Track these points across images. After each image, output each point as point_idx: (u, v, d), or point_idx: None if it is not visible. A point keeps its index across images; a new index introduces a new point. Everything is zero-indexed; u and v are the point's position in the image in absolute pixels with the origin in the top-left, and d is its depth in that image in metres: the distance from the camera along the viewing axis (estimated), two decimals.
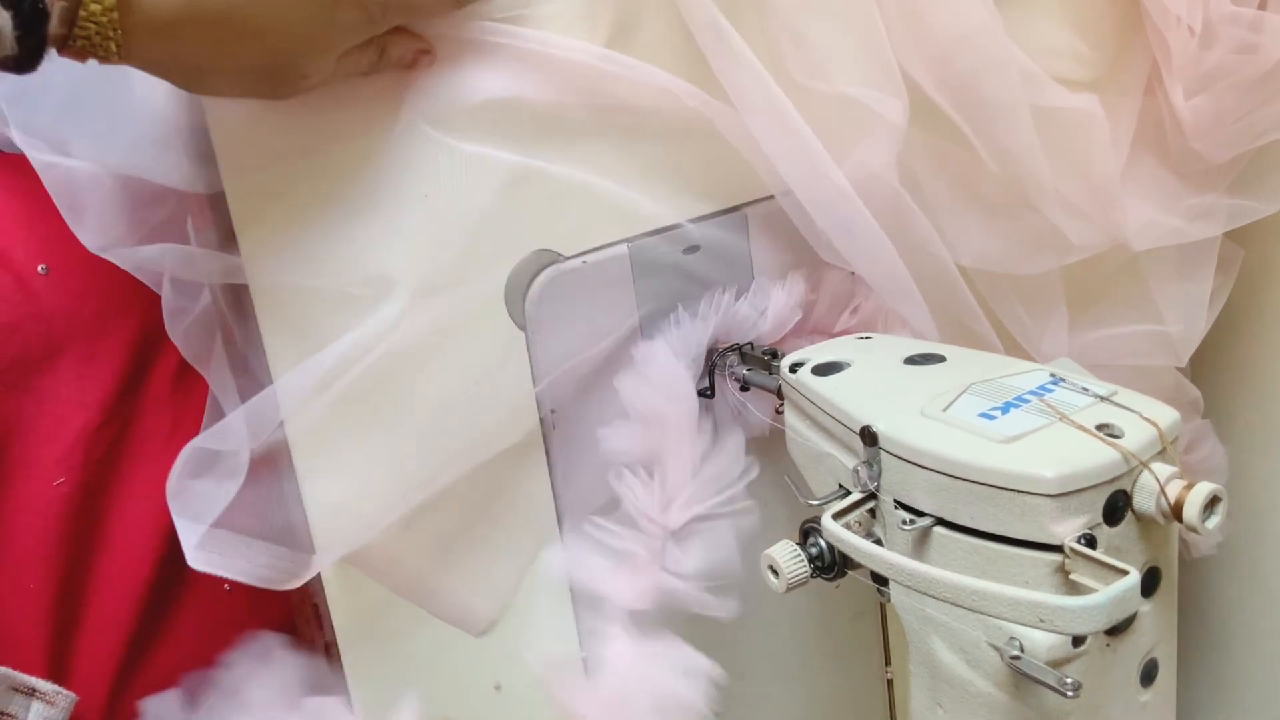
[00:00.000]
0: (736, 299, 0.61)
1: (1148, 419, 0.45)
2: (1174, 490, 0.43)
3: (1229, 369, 0.79)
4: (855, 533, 0.47)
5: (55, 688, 0.47)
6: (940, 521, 0.46)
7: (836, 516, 0.48)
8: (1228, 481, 0.79)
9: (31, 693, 0.46)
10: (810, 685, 0.73)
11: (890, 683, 0.75)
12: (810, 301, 0.63)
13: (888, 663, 0.75)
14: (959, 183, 0.64)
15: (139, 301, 0.60)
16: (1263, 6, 0.64)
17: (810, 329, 0.64)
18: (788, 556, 0.51)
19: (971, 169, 0.62)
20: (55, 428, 0.59)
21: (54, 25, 0.41)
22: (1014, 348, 0.69)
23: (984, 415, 0.46)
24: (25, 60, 0.42)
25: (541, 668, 0.57)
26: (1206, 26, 0.63)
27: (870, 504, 0.49)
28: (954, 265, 0.62)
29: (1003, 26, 0.58)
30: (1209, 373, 0.78)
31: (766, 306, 0.61)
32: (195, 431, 0.65)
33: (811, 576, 0.51)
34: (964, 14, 0.57)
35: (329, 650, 0.58)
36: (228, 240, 0.51)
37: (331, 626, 0.57)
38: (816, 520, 0.51)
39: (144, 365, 0.62)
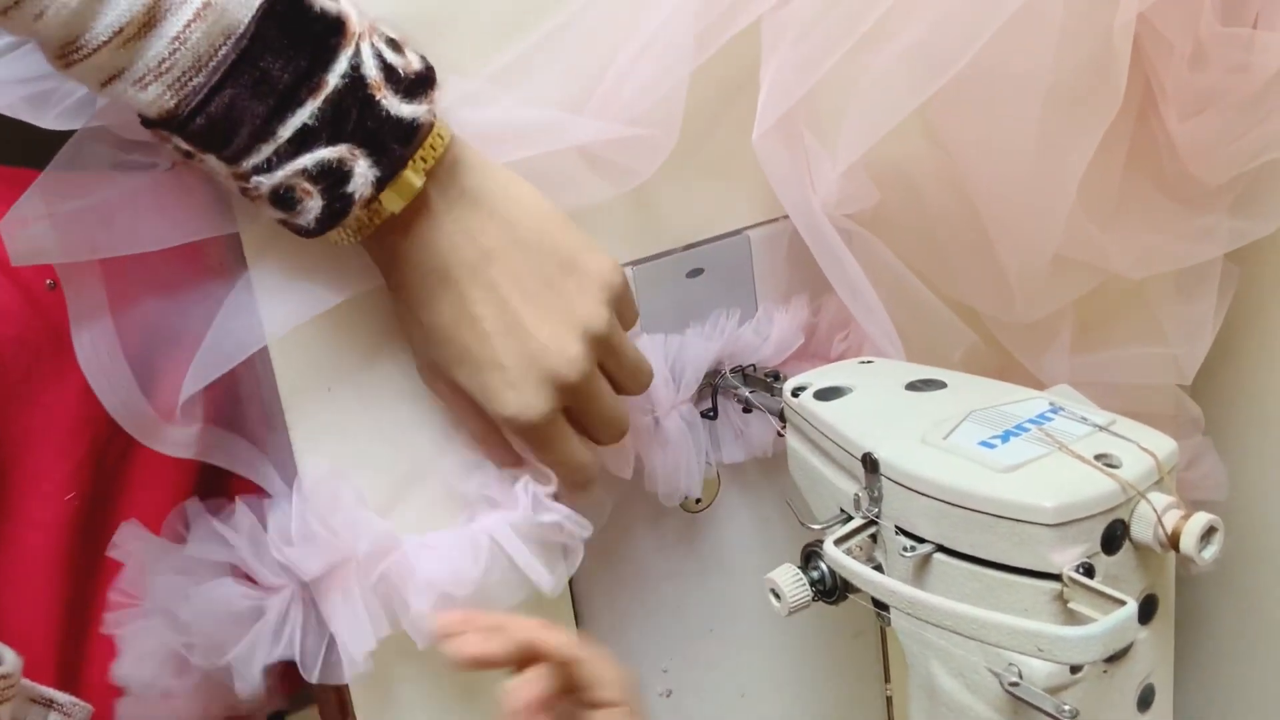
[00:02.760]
0: (740, 324, 0.62)
1: (1145, 449, 0.45)
2: (1171, 520, 0.44)
3: (1228, 386, 0.80)
4: (856, 558, 0.48)
5: (72, 699, 0.47)
6: (941, 548, 0.46)
7: (838, 542, 0.48)
8: (1226, 498, 0.80)
9: (49, 704, 0.46)
10: (810, 703, 0.73)
11: (890, 700, 0.76)
12: (811, 326, 0.64)
13: (887, 680, 0.75)
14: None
15: None
16: (1255, 24, 0.64)
17: (810, 354, 0.64)
18: (790, 580, 0.51)
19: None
20: (66, 443, 0.60)
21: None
22: (1012, 364, 0.69)
23: (984, 443, 0.47)
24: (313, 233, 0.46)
25: None
26: (1197, 48, 0.63)
27: (871, 529, 0.49)
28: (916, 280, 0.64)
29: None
30: (1208, 390, 0.78)
31: (770, 332, 0.62)
32: None
33: (813, 600, 0.52)
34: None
35: None
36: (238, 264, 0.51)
37: None
38: (818, 544, 0.51)
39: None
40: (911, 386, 0.54)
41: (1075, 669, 0.45)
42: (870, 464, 0.48)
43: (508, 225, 0.49)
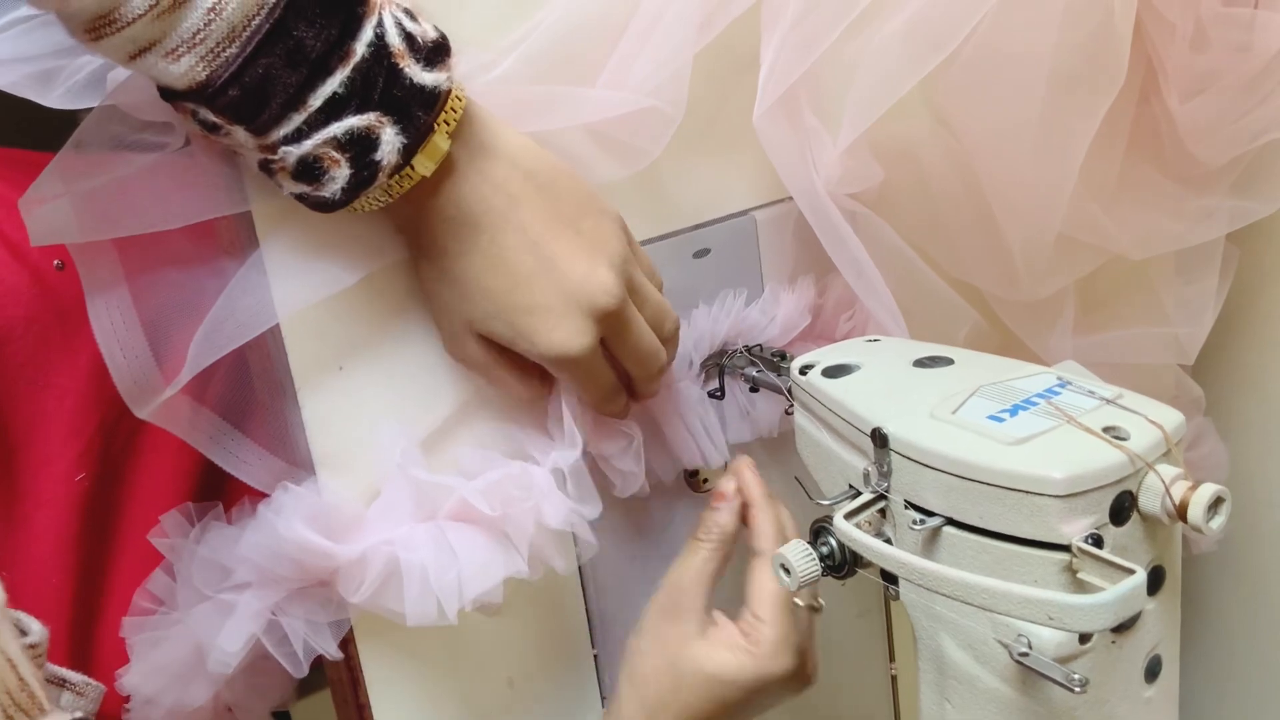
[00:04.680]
0: (747, 304, 0.62)
1: (1153, 421, 0.46)
2: (1179, 491, 0.44)
3: (1229, 367, 0.80)
4: (866, 532, 0.48)
5: (85, 679, 0.47)
6: (950, 521, 0.46)
7: (848, 516, 0.48)
8: (1227, 479, 0.80)
9: (62, 684, 0.46)
10: (816, 681, 0.74)
11: (895, 679, 0.76)
12: (818, 306, 0.64)
13: (892, 659, 0.76)
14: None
15: None
16: (1256, 4, 0.64)
17: (816, 334, 0.65)
18: (800, 555, 0.51)
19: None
20: (76, 424, 0.60)
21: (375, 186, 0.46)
22: (1015, 344, 0.70)
23: (993, 417, 0.47)
24: (335, 207, 0.46)
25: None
26: (1198, 28, 0.64)
27: (881, 504, 0.50)
28: (920, 261, 0.64)
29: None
30: (1209, 371, 0.79)
31: (777, 312, 0.62)
32: None
33: (822, 575, 0.52)
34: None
35: (345, 644, 0.58)
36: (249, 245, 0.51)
37: None
38: (827, 520, 0.52)
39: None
40: (919, 363, 0.54)
41: (1084, 639, 0.45)
42: (879, 439, 0.49)
43: (527, 173, 0.50)
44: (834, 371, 0.55)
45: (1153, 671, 0.48)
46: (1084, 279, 0.69)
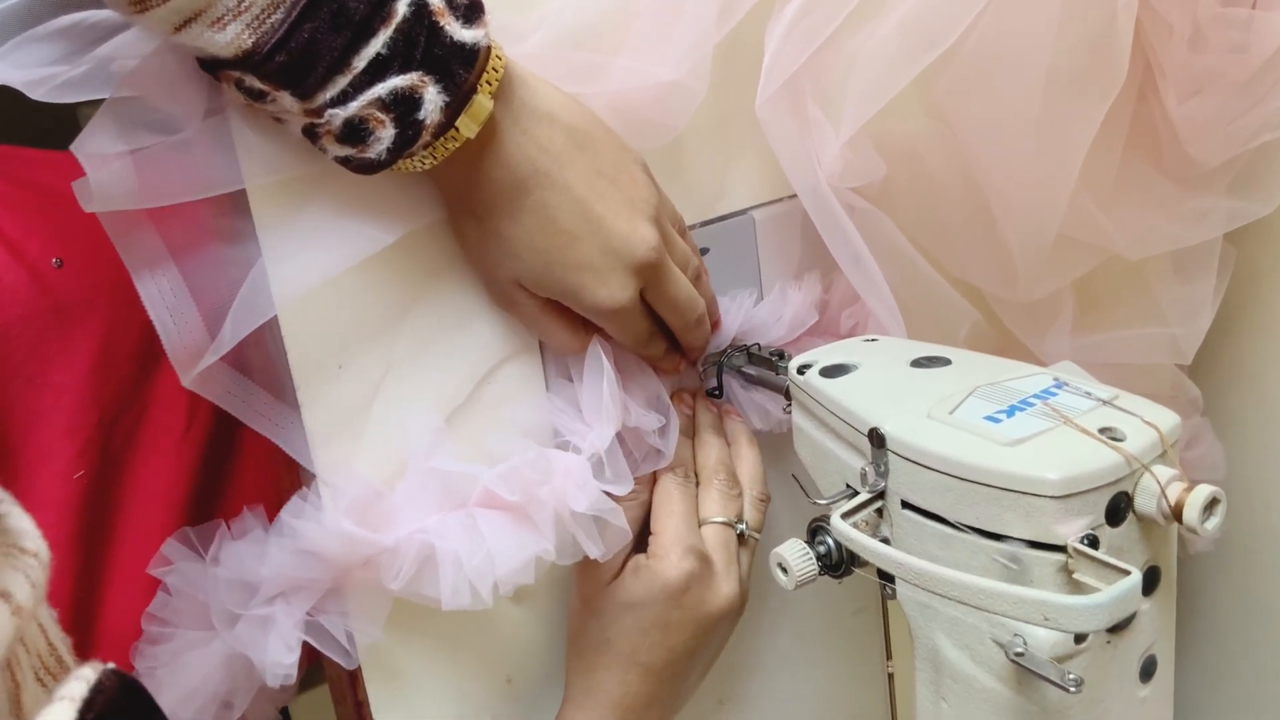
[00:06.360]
0: (755, 303, 0.62)
1: (1149, 422, 0.46)
2: (1174, 492, 0.44)
3: (1226, 367, 0.80)
4: (863, 532, 0.48)
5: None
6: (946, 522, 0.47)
7: (845, 516, 0.49)
8: (1224, 478, 0.80)
9: None
10: (813, 678, 0.74)
11: (891, 676, 0.77)
12: (823, 302, 0.64)
13: (889, 657, 0.76)
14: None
15: None
16: (1254, 5, 0.65)
17: (820, 330, 0.65)
18: (797, 555, 0.52)
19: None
20: (74, 422, 0.60)
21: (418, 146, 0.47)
22: (1013, 344, 0.70)
23: (989, 418, 0.47)
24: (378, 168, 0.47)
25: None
26: (1196, 29, 0.64)
27: (878, 504, 0.50)
28: (920, 257, 0.64)
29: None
30: (1206, 370, 0.79)
31: (784, 310, 0.62)
32: (209, 420, 0.66)
33: (819, 574, 0.52)
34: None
35: None
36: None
37: None
38: (824, 519, 0.52)
39: (158, 355, 0.63)
40: (916, 363, 0.54)
41: (1079, 639, 0.45)
42: (877, 439, 0.49)
43: (567, 130, 0.51)
44: (832, 371, 0.55)
45: (1148, 671, 0.49)
46: (1081, 279, 0.69)
